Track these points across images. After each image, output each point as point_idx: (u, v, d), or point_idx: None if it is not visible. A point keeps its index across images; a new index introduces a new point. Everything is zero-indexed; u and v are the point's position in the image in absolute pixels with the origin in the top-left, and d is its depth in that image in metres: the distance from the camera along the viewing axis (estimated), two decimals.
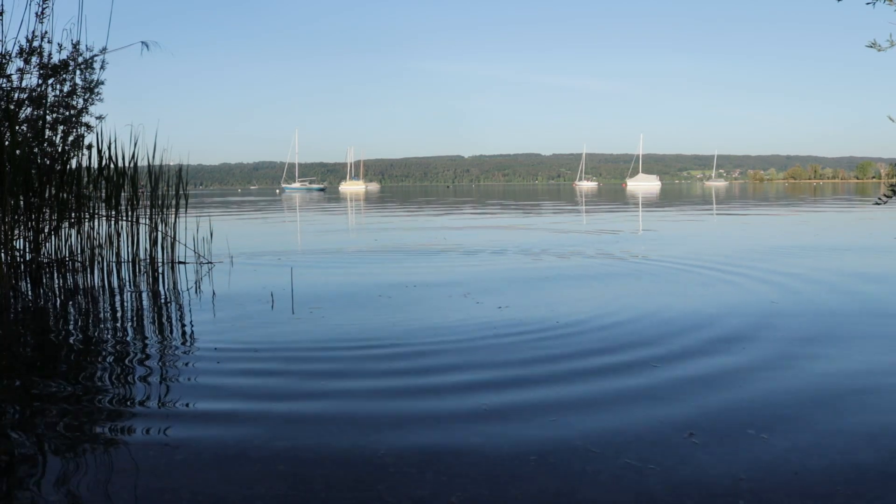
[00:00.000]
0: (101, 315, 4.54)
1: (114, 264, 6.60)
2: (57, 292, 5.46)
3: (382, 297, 5.00)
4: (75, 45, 6.55)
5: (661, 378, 2.90)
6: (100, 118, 6.81)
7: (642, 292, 5.10)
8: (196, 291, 5.38)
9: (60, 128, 6.56)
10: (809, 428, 2.32)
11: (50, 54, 6.41)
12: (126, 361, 3.31)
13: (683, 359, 3.21)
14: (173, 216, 6.91)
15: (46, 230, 6.39)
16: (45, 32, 6.36)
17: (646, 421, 2.40)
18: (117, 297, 5.19)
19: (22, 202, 6.08)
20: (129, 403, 2.66)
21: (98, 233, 6.64)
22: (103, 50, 6.72)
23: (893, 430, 2.29)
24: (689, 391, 2.73)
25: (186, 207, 7.08)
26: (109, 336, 3.90)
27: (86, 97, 6.69)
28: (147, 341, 3.73)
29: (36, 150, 6.28)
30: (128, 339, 3.82)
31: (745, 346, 3.43)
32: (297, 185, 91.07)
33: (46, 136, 6.44)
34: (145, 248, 6.71)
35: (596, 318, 4.14)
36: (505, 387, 2.81)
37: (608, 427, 2.35)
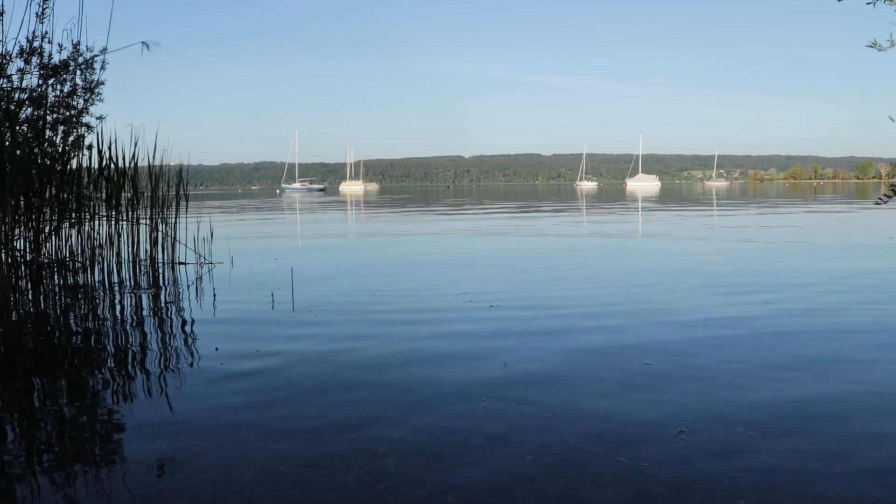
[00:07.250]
0: (102, 315, 4.54)
1: (114, 264, 6.60)
2: (57, 292, 5.47)
3: (378, 294, 5.01)
4: (75, 46, 6.56)
5: (661, 377, 2.90)
6: (100, 118, 6.82)
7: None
8: (196, 291, 5.38)
9: (61, 128, 6.56)
10: (809, 428, 2.32)
11: (50, 54, 6.42)
12: (126, 362, 3.32)
13: (683, 356, 3.21)
14: (173, 216, 6.92)
15: (47, 230, 6.39)
16: (46, 33, 6.38)
17: (646, 420, 2.40)
18: (118, 298, 5.20)
19: (22, 202, 6.08)
20: (129, 403, 2.66)
21: (98, 233, 6.64)
22: (103, 50, 6.72)
23: (893, 432, 2.29)
24: (688, 389, 2.73)
25: (187, 208, 7.09)
26: (110, 337, 3.90)
27: (86, 97, 6.70)
28: (148, 342, 3.74)
29: (36, 150, 6.29)
30: (128, 339, 3.82)
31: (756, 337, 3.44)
32: (297, 185, 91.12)
33: (47, 137, 6.44)
34: (145, 249, 6.71)
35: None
36: (505, 386, 2.81)
37: (608, 427, 2.35)
